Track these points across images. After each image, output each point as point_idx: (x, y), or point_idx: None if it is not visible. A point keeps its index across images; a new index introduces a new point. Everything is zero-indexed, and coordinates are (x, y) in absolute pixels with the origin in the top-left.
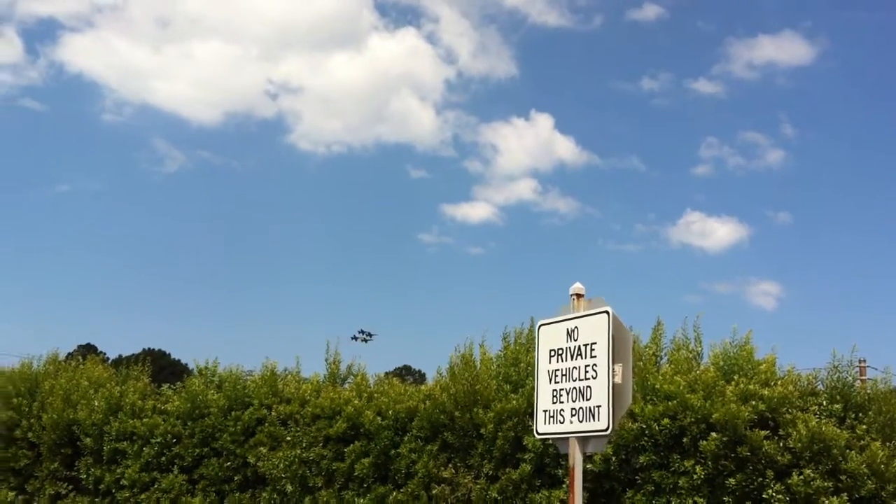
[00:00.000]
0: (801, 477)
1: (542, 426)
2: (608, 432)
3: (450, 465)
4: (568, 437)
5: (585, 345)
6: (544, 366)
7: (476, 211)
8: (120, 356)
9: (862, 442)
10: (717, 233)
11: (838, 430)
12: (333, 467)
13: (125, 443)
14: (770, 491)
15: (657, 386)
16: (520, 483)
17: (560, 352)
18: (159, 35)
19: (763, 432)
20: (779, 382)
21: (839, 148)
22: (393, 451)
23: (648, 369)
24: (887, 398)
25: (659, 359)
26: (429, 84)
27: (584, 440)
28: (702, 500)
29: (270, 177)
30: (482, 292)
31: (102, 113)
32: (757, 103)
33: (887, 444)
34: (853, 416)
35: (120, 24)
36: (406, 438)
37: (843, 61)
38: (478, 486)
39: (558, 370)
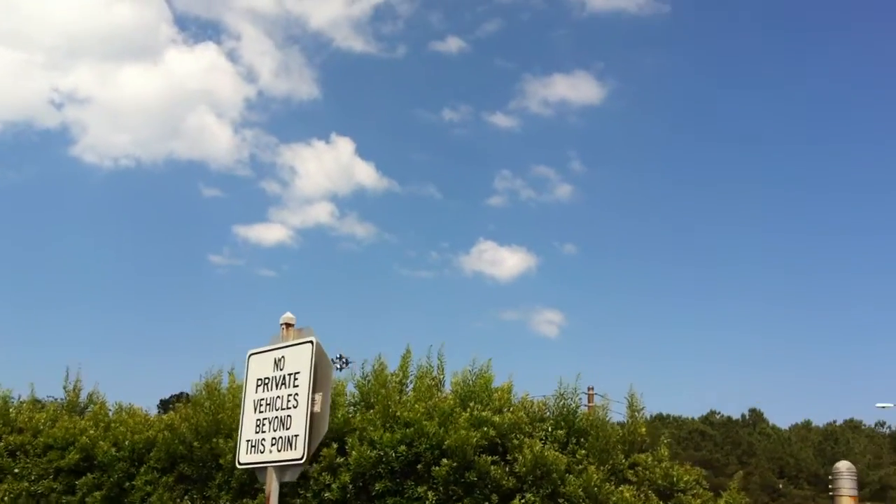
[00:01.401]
0: (524, 500)
1: (244, 456)
2: (303, 461)
3: (186, 497)
4: (267, 467)
5: (290, 374)
6: (251, 395)
7: (271, 233)
8: None
9: (580, 466)
10: (507, 262)
11: (559, 455)
12: (63, 501)
13: None
14: None
15: (398, 413)
16: None
17: (267, 381)
18: None
19: (491, 458)
20: (512, 409)
21: (622, 183)
22: (127, 484)
23: (391, 396)
24: (604, 424)
25: (405, 386)
26: (227, 101)
27: (281, 469)
28: None
29: (51, 189)
30: (271, 316)
31: None
32: (549, 139)
33: (602, 467)
34: (575, 441)
35: None
36: (142, 470)
37: (630, 101)
38: None
39: (263, 399)
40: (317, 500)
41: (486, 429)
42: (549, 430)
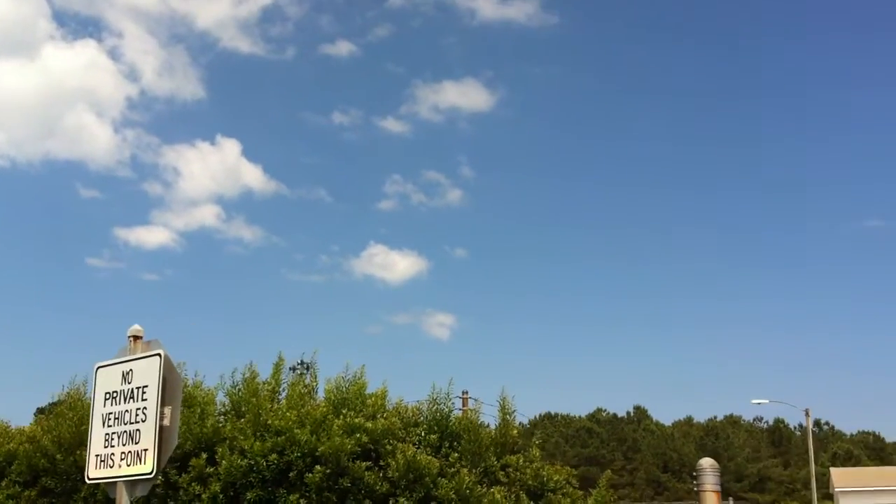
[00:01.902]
0: None
1: (94, 471)
2: (153, 476)
3: None
4: (116, 482)
5: (138, 388)
6: (99, 409)
7: (153, 236)
8: None
9: (453, 469)
10: (398, 266)
11: (432, 459)
12: None
13: None
14: None
15: (269, 422)
16: None
17: (115, 395)
18: None
19: (365, 463)
20: (385, 415)
21: (511, 188)
22: None
23: (262, 405)
24: (476, 428)
25: (278, 394)
26: (108, 100)
27: (131, 484)
28: None
29: None
30: (156, 322)
31: None
32: (440, 145)
33: (474, 469)
34: (448, 444)
35: None
36: (3, 484)
37: (518, 109)
38: None
39: (111, 414)
40: None
41: (359, 435)
42: (423, 434)
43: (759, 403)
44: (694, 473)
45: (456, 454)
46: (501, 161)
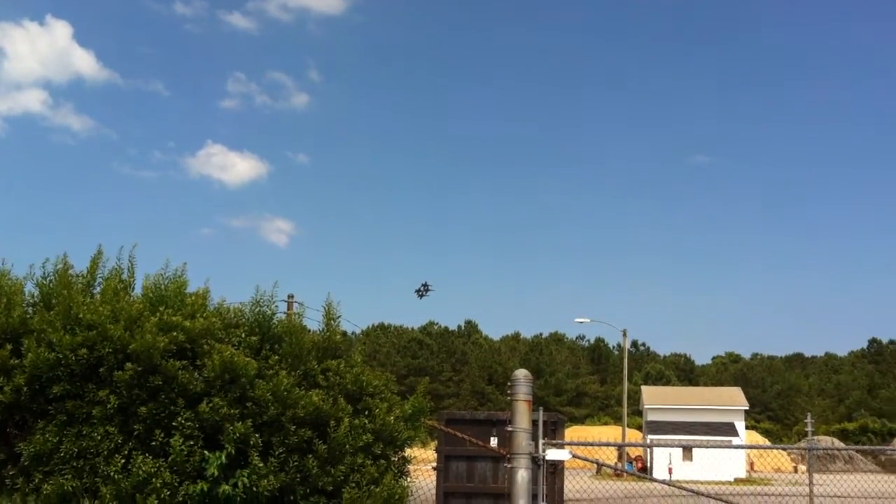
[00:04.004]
0: (210, 404)
1: None
2: None
3: None
4: None
5: None
6: None
7: None
8: None
9: (272, 371)
10: (237, 167)
11: (251, 361)
12: None
13: None
14: (180, 419)
15: (81, 315)
16: None
17: None
18: None
19: (179, 363)
20: (206, 315)
21: (358, 97)
22: None
23: (74, 298)
24: (299, 331)
25: (92, 288)
26: None
27: None
28: (113, 428)
29: None
30: None
31: None
32: (288, 45)
33: (294, 372)
34: (269, 347)
35: None
36: None
37: (370, 16)
38: None
39: None
40: None
41: (175, 333)
42: (243, 336)
43: (581, 322)
44: (508, 384)
45: (276, 357)
46: (350, 68)
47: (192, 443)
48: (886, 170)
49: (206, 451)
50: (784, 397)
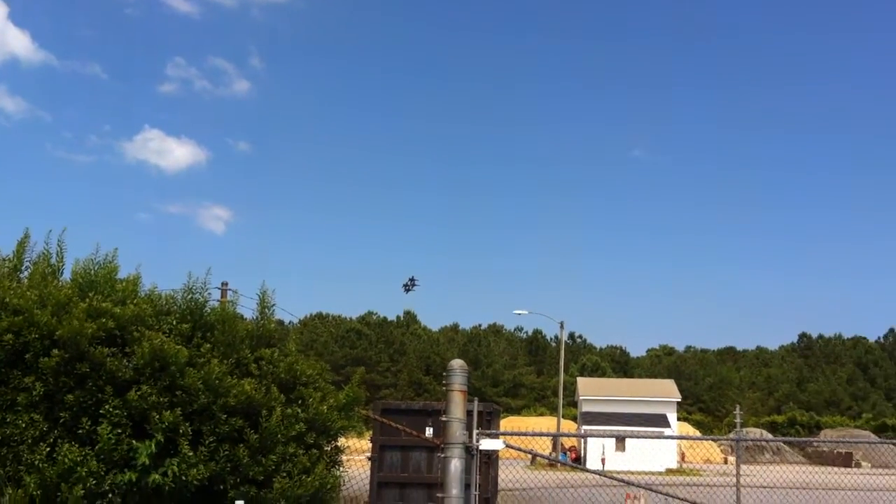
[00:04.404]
0: (139, 392)
1: None
2: None
3: None
4: None
5: None
6: None
7: None
8: None
9: (203, 359)
10: (175, 153)
11: (181, 349)
12: None
13: None
14: (108, 406)
15: (7, 300)
16: None
17: None
18: None
19: (108, 350)
20: (136, 301)
21: (301, 85)
22: None
23: (1, 283)
24: (232, 319)
25: (19, 272)
26: None
27: None
28: (38, 415)
29: None
30: None
31: None
32: (230, 31)
33: (226, 361)
34: (200, 335)
35: None
36: None
37: (314, 3)
38: None
39: None
40: None
41: (104, 320)
42: (174, 323)
43: (520, 314)
44: (444, 374)
45: (208, 345)
46: (294, 55)
47: (120, 431)
48: (819, 171)
49: (133, 441)
50: (716, 390)
